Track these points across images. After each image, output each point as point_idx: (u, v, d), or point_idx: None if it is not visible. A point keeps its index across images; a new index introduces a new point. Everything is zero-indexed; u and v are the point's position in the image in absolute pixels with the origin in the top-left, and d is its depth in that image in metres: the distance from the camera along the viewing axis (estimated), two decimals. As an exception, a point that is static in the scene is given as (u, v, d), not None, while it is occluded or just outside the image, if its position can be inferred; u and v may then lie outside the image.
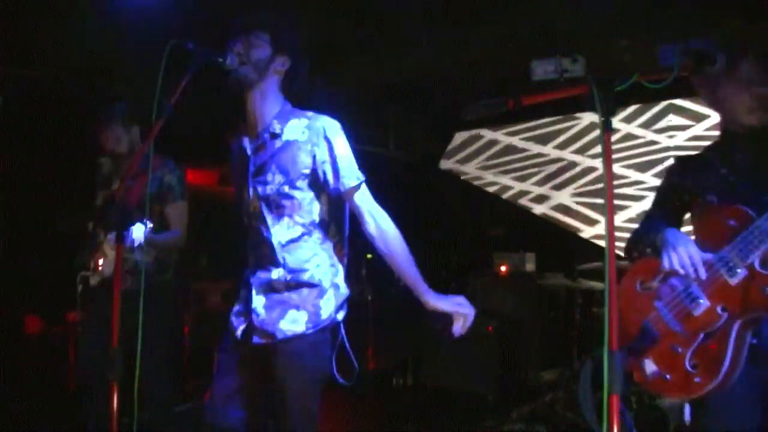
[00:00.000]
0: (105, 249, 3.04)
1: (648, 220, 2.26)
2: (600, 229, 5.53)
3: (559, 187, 5.86)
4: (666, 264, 1.99)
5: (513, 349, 4.98)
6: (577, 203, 5.75)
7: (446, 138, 6.48)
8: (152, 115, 1.91)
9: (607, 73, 1.56)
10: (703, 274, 1.95)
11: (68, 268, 3.43)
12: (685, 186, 2.17)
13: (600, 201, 5.46)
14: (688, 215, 2.23)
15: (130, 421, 2.03)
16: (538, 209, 5.95)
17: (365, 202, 2.16)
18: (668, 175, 2.28)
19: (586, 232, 5.67)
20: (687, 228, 2.19)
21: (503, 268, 5.39)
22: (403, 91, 5.38)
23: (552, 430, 4.20)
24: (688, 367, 1.94)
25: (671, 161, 2.35)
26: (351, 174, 2.14)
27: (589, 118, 5.65)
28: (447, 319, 2.13)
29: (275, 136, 2.17)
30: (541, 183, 5.98)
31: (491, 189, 6.21)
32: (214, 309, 5.13)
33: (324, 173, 2.14)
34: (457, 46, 4.49)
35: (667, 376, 1.99)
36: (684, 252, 1.96)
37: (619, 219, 5.21)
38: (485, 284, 5.44)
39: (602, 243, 1.46)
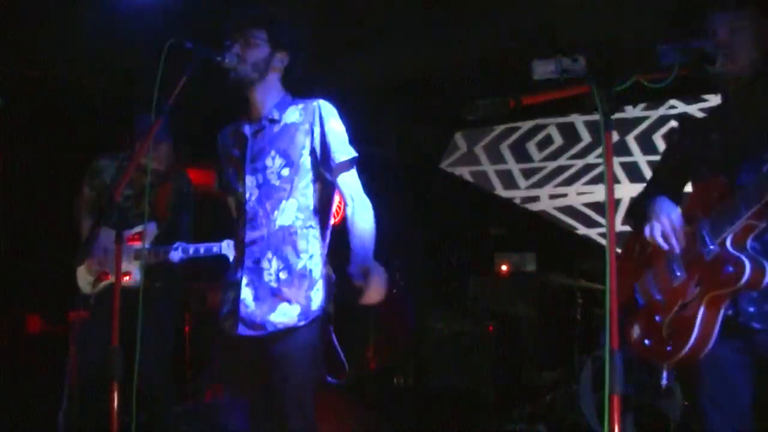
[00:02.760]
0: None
1: (649, 184, 2.25)
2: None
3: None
4: (646, 233, 1.99)
5: (513, 349, 4.98)
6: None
7: (447, 138, 6.48)
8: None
9: (607, 72, 1.56)
10: (676, 247, 1.94)
11: (69, 268, 3.44)
12: (684, 147, 2.13)
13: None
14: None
15: (130, 421, 2.03)
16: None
17: (351, 185, 2.17)
18: (670, 135, 2.27)
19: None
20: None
21: (504, 268, 5.39)
22: (403, 91, 5.37)
23: (553, 430, 4.20)
24: (664, 335, 1.98)
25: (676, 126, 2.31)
26: (342, 149, 2.16)
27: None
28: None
29: (273, 121, 2.20)
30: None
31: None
32: (214, 309, 5.13)
33: (318, 150, 2.16)
34: (457, 46, 4.49)
35: (646, 341, 2.05)
36: (664, 222, 1.95)
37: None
38: (486, 284, 5.44)
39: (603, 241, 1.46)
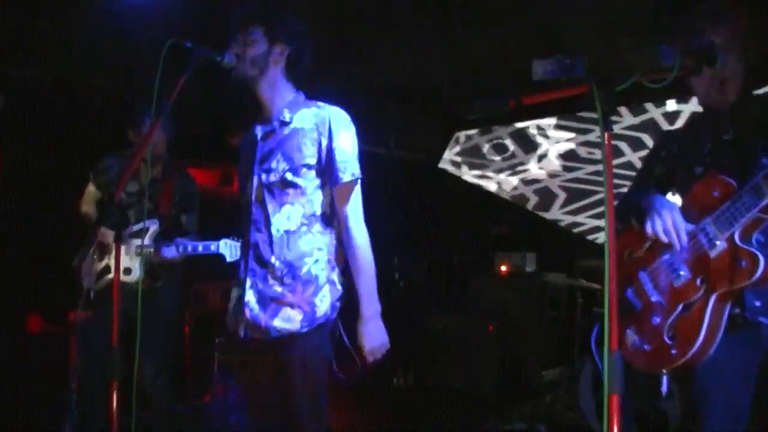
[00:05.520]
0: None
1: (633, 189, 2.22)
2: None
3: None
4: (649, 229, 1.95)
5: (514, 349, 4.98)
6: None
7: (447, 138, 6.48)
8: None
9: (607, 72, 1.56)
10: (684, 242, 1.91)
11: (70, 268, 3.44)
12: (671, 153, 2.13)
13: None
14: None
15: (129, 420, 2.03)
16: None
17: (350, 208, 2.14)
18: (655, 147, 2.25)
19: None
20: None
21: (504, 268, 5.39)
22: (403, 91, 5.38)
23: (553, 430, 4.20)
24: (666, 339, 1.91)
25: (659, 138, 2.31)
26: (346, 169, 2.12)
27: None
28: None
29: (284, 123, 2.17)
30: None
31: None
32: (214, 309, 5.13)
33: (323, 163, 2.13)
34: (458, 46, 4.49)
35: (646, 347, 1.96)
36: (668, 217, 1.92)
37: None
38: (486, 284, 5.44)
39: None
